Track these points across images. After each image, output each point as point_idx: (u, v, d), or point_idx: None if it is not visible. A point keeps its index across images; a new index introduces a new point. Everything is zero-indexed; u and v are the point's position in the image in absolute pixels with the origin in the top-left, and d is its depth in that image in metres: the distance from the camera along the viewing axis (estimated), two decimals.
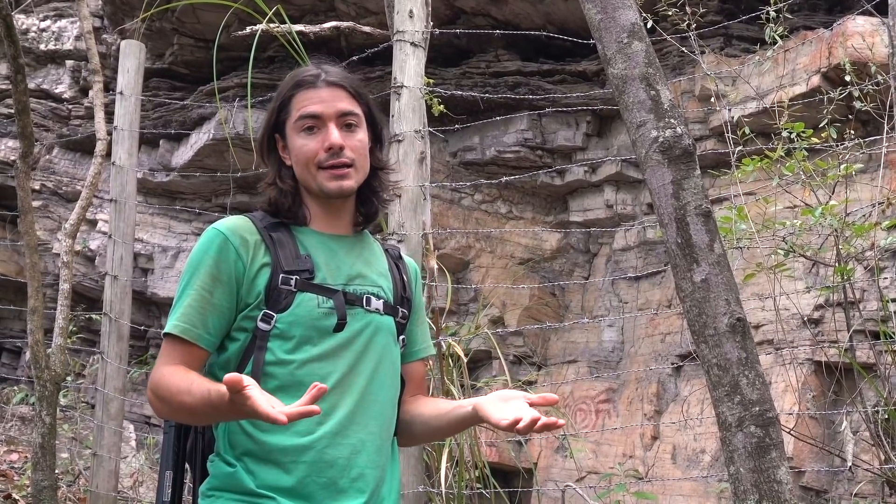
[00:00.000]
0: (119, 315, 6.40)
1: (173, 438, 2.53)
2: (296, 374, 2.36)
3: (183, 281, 2.41)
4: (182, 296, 2.38)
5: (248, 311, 2.38)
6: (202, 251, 2.40)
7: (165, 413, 2.36)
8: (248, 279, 2.38)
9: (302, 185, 2.50)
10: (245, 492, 2.32)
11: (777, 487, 2.95)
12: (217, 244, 2.39)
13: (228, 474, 2.35)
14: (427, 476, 4.77)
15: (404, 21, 4.86)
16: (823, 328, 6.46)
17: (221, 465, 2.37)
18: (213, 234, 2.41)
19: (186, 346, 2.35)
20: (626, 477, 6.64)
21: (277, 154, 2.54)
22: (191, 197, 10.64)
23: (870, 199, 6.22)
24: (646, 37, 3.31)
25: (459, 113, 7.88)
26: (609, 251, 8.62)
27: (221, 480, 2.36)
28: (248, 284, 2.38)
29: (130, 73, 6.78)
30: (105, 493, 6.25)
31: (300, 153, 2.46)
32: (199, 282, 2.37)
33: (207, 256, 2.38)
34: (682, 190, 3.12)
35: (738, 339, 3.04)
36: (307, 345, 2.38)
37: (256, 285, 2.38)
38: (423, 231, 4.88)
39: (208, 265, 2.37)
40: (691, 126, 7.58)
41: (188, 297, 2.37)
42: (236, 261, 2.38)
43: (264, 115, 2.62)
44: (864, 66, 6.15)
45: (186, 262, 2.44)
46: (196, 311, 2.35)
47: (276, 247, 2.41)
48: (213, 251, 2.38)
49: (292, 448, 2.33)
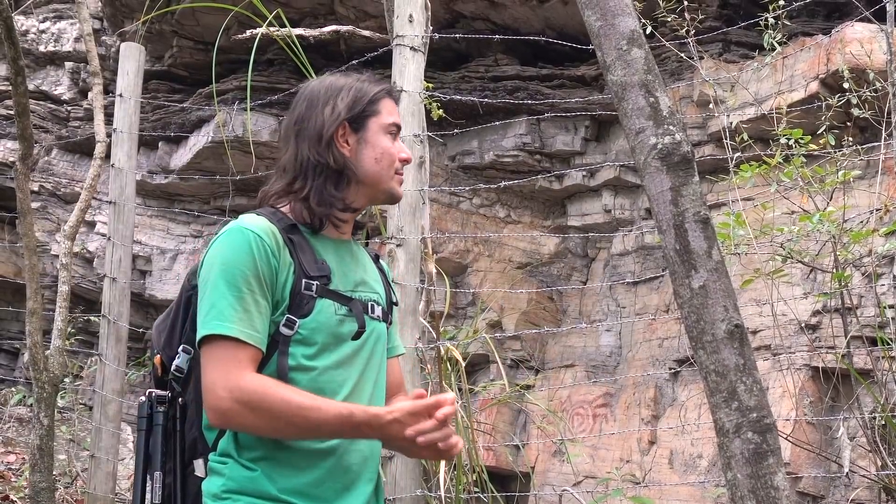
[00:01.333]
0: (117, 317, 6.40)
1: (161, 438, 2.46)
2: (317, 380, 2.37)
3: (218, 281, 2.32)
4: (224, 297, 2.30)
5: (273, 316, 2.36)
6: (238, 250, 2.34)
7: (262, 425, 2.27)
8: (279, 282, 2.36)
9: (364, 180, 2.53)
10: (268, 497, 2.31)
11: (774, 494, 2.96)
12: (255, 244, 2.34)
13: (249, 478, 2.32)
14: (425, 480, 4.78)
15: (404, 25, 4.87)
16: (821, 334, 6.46)
17: (237, 468, 2.34)
18: (247, 234, 2.35)
19: (246, 350, 2.29)
20: (623, 481, 6.64)
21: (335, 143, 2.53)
22: (189, 199, 10.64)
23: (868, 205, 6.23)
24: (645, 44, 3.32)
25: (458, 117, 7.89)
26: (607, 256, 8.62)
27: (240, 483, 2.33)
28: (279, 287, 2.36)
29: (130, 76, 6.79)
30: (103, 494, 6.26)
31: (388, 153, 2.56)
32: (241, 282, 2.31)
33: (246, 256, 2.33)
34: (680, 197, 3.13)
35: (736, 346, 3.05)
36: (327, 351, 2.40)
37: (285, 288, 2.36)
38: (422, 235, 4.89)
39: (249, 265, 2.32)
40: (689, 131, 7.59)
41: (232, 297, 2.30)
42: (271, 262, 2.35)
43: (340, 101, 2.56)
44: (863, 73, 6.16)
45: (214, 262, 2.35)
46: (244, 312, 2.29)
47: (298, 251, 2.41)
48: (251, 251, 2.33)
49: (315, 452, 2.35)
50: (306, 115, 2.55)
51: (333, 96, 2.55)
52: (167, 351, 2.51)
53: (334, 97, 2.55)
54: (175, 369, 2.46)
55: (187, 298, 2.49)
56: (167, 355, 2.51)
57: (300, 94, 2.62)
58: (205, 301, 2.33)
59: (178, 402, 2.48)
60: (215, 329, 2.28)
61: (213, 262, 2.35)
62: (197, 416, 2.44)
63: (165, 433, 2.47)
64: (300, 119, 2.56)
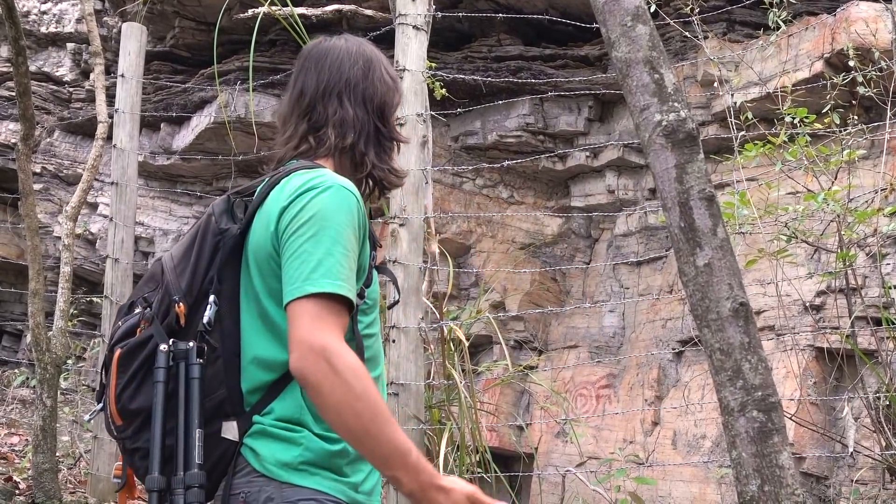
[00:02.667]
0: (120, 298, 6.40)
1: (198, 394, 2.24)
2: (374, 347, 2.38)
3: (324, 237, 2.19)
4: (331, 254, 2.18)
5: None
6: (342, 209, 2.23)
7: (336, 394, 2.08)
8: (364, 249, 2.30)
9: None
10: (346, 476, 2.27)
11: (779, 472, 2.95)
12: (355, 205, 2.26)
13: (331, 452, 2.25)
14: (428, 460, 4.77)
15: (406, 4, 4.85)
16: (825, 314, 6.45)
17: (316, 440, 2.24)
18: (350, 196, 2.26)
19: (346, 314, 2.18)
20: (626, 462, 6.64)
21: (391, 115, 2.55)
22: (191, 180, 10.63)
23: (872, 185, 6.21)
24: (650, 20, 3.30)
25: (461, 97, 7.86)
26: (610, 236, 8.61)
27: (320, 457, 2.24)
28: (363, 254, 2.30)
29: (132, 56, 6.77)
30: (106, 475, 6.27)
31: (400, 139, 2.56)
32: (347, 242, 2.20)
33: (349, 215, 2.23)
34: (685, 174, 3.11)
35: (741, 324, 3.03)
36: (376, 319, 2.42)
37: (364, 256, 2.31)
38: (425, 215, 4.88)
39: (352, 226, 2.23)
40: (694, 111, 7.56)
41: (340, 255, 2.18)
42: (365, 225, 2.29)
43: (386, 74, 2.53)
44: (868, 52, 6.13)
45: (318, 216, 2.21)
46: (350, 272, 2.19)
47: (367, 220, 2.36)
48: (353, 213, 2.24)
49: None
50: (353, 77, 2.48)
51: (378, 66, 2.52)
52: (188, 298, 2.31)
53: (379, 68, 2.52)
54: (206, 322, 2.28)
55: (214, 244, 2.32)
56: (188, 303, 2.30)
57: (326, 50, 2.52)
58: (305, 255, 2.18)
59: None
60: (326, 287, 2.14)
61: (317, 217, 2.21)
62: (227, 373, 2.30)
63: (203, 388, 2.27)
64: (349, 81, 2.47)
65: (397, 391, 4.80)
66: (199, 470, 2.20)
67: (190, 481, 2.19)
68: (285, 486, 2.21)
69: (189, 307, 2.30)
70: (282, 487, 2.21)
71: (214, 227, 2.34)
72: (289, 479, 2.21)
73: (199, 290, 2.30)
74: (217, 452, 2.26)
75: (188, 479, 2.19)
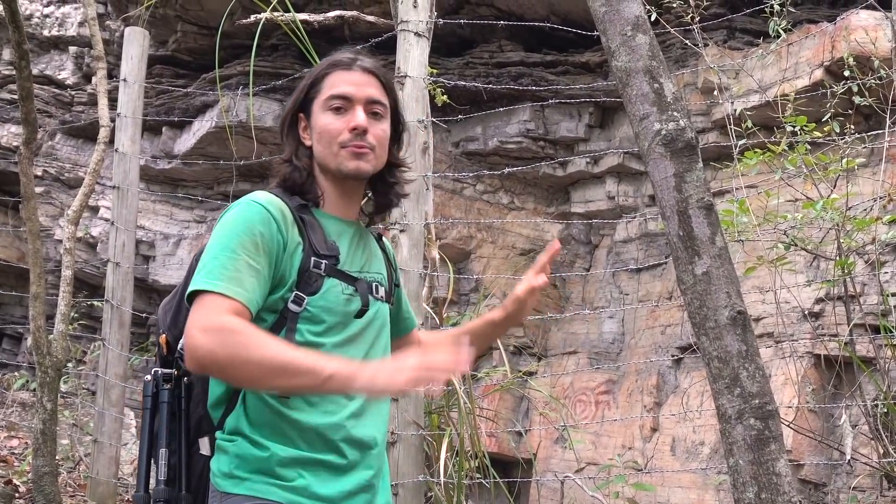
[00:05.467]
0: (121, 302, 6.41)
1: (167, 416, 2.43)
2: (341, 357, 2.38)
3: (213, 246, 2.29)
4: (216, 258, 2.27)
5: (280, 292, 2.34)
6: (243, 220, 2.32)
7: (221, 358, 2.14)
8: (286, 256, 2.34)
9: (320, 165, 2.50)
10: (277, 476, 2.31)
11: (776, 480, 2.96)
12: (260, 216, 2.32)
13: (259, 457, 2.30)
14: (427, 466, 4.78)
15: (408, 10, 4.86)
16: (824, 322, 6.46)
17: (248, 446, 2.32)
18: (255, 207, 2.34)
19: (231, 303, 2.22)
20: (625, 468, 6.65)
21: (297, 133, 2.53)
22: (193, 184, 10.64)
23: (871, 193, 6.22)
24: (650, 30, 3.32)
25: (462, 103, 7.89)
26: (610, 243, 8.62)
27: (249, 462, 2.31)
28: (286, 261, 2.34)
29: (134, 60, 6.79)
30: (105, 479, 6.28)
31: (325, 130, 2.46)
32: (237, 246, 2.27)
33: (251, 225, 2.30)
34: (684, 183, 3.13)
35: (739, 332, 3.05)
36: (334, 330, 2.40)
37: (293, 264, 2.34)
38: (426, 221, 4.89)
39: (248, 232, 2.29)
40: (694, 118, 7.58)
41: (224, 258, 2.26)
42: (277, 235, 2.33)
43: (293, 93, 2.57)
44: (867, 61, 6.15)
45: (216, 232, 2.33)
46: (235, 272, 2.24)
47: (308, 229, 2.39)
48: (256, 221, 2.31)
49: (325, 426, 2.34)
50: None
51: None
52: (173, 330, 2.49)
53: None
54: (181, 348, 2.42)
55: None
56: (173, 335, 2.49)
57: None
58: (200, 265, 2.30)
59: (184, 382, 2.47)
60: (200, 285, 2.24)
61: (215, 232, 2.34)
62: (203, 394, 2.43)
63: (171, 412, 2.45)
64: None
65: (396, 396, 4.80)
66: (165, 486, 2.38)
67: (155, 496, 2.37)
68: (224, 497, 2.32)
69: (175, 338, 2.48)
70: (222, 498, 2.32)
71: (193, 264, 2.46)
72: (224, 489, 2.32)
73: (183, 322, 2.39)
74: (199, 468, 2.43)
75: (154, 494, 2.38)
